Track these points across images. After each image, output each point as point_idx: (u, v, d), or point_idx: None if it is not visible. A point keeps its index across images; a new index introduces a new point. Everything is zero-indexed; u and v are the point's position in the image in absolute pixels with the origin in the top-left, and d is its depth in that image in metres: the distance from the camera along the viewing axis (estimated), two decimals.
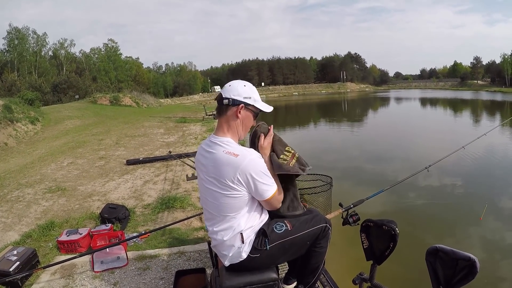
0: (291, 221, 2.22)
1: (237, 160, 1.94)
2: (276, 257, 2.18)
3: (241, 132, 2.13)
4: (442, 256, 1.63)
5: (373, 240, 2.05)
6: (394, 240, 1.90)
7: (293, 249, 2.21)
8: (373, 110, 40.78)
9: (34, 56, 60.36)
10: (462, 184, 9.28)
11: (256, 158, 1.99)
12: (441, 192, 8.69)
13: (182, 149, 10.19)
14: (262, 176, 1.98)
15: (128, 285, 3.37)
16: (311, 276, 2.36)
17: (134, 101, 32.31)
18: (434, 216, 7.18)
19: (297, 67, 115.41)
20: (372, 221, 2.03)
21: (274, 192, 2.04)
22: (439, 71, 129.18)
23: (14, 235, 4.68)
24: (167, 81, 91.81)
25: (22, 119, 15.38)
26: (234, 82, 2.12)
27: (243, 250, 2.07)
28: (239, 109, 2.05)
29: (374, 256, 2.04)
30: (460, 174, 10.00)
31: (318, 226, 2.22)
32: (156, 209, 5.39)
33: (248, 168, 1.94)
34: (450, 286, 1.61)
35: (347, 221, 2.56)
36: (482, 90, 74.95)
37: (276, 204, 2.13)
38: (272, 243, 2.10)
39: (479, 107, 38.64)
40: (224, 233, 2.07)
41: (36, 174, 7.73)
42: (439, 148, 13.19)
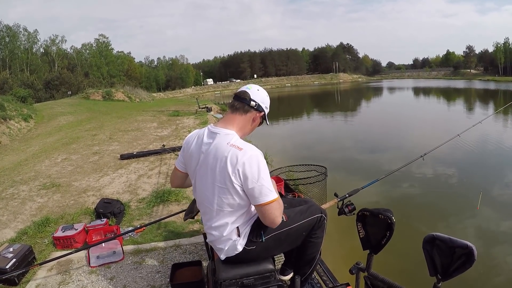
0: (286, 212, 2.21)
1: (240, 153, 1.89)
2: (272, 248, 2.17)
3: (246, 134, 2.16)
4: (439, 244, 1.63)
5: (369, 229, 2.05)
6: (390, 229, 1.90)
7: (288, 240, 2.21)
8: (366, 100, 40.88)
9: (25, 53, 60.09)
10: (456, 172, 9.34)
11: (259, 155, 1.93)
12: (436, 181, 8.74)
13: (175, 142, 10.14)
14: (264, 176, 1.89)
15: (124, 279, 3.37)
16: (308, 266, 2.37)
17: (127, 95, 32.10)
18: (429, 205, 7.21)
19: (289, 58, 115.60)
20: (368, 210, 2.03)
21: (274, 199, 1.91)
22: (432, 60, 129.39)
23: (9, 233, 4.65)
24: (159, 75, 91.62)
25: (15, 116, 15.24)
26: (261, 88, 2.18)
27: (238, 243, 2.06)
28: (258, 115, 2.12)
29: (371, 246, 2.04)
30: (455, 163, 10.06)
31: (314, 217, 2.23)
32: (151, 203, 5.37)
33: (250, 163, 1.87)
34: (448, 274, 1.62)
35: (342, 211, 2.57)
36: (475, 79, 75.37)
37: (275, 215, 1.93)
38: (267, 235, 2.10)
39: (472, 96, 38.88)
40: (221, 229, 2.05)
41: (30, 171, 7.68)
42: (433, 137, 13.28)
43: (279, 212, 1.95)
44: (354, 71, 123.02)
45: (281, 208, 1.98)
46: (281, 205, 1.99)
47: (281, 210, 1.98)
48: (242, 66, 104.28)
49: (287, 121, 22.74)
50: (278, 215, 1.94)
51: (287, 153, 12.71)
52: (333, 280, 2.68)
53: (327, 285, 2.64)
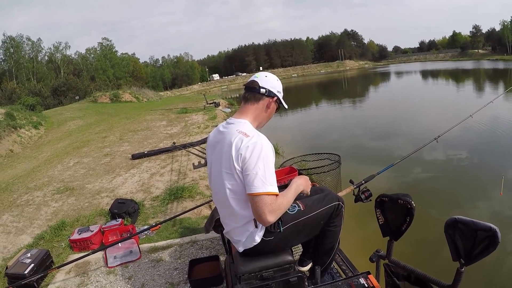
0: (303, 201, 2.18)
1: (246, 138, 1.88)
2: (290, 238, 2.13)
3: (264, 122, 2.16)
4: (461, 228, 1.55)
5: (388, 215, 1.99)
6: (410, 214, 1.84)
7: (306, 230, 2.17)
8: (374, 86, 40.43)
9: (31, 62, 60.89)
10: (472, 155, 9.09)
11: (265, 145, 1.88)
12: (451, 165, 8.52)
13: (186, 139, 10.16)
14: (261, 165, 1.82)
15: (142, 277, 3.37)
16: (327, 256, 2.33)
17: (134, 96, 32.16)
18: (446, 190, 7.03)
19: (294, 48, 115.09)
20: (387, 196, 1.97)
21: (265, 192, 1.80)
22: (438, 42, 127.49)
23: (26, 238, 4.70)
24: (165, 74, 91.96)
25: (25, 124, 15.37)
26: (269, 74, 2.18)
27: (256, 234, 2.02)
28: (272, 101, 2.11)
29: (391, 232, 1.98)
30: (469, 145, 9.79)
31: (331, 205, 2.18)
32: (165, 201, 5.39)
33: (253, 148, 1.84)
34: (471, 258, 1.55)
35: (359, 198, 2.51)
36: (483, 59, 74.18)
37: (263, 211, 1.80)
38: (285, 225, 2.05)
39: (481, 76, 38.17)
40: (236, 218, 2.02)
41: (44, 176, 7.74)
42: (444, 120, 13.01)
43: (269, 210, 1.80)
44: (360, 57, 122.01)
45: (274, 206, 1.82)
46: (277, 204, 1.84)
47: (274, 209, 1.82)
48: (247, 59, 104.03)
49: (296, 112, 22.59)
50: (267, 213, 1.79)
51: (298, 144, 12.60)
52: (352, 269, 2.64)
53: (347, 274, 2.59)
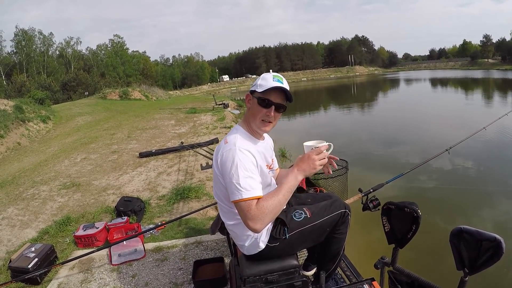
0: (310, 208, 2.16)
1: (223, 146, 1.90)
2: (295, 245, 2.12)
3: (250, 121, 2.00)
4: (466, 237, 1.56)
5: (394, 223, 1.99)
6: (416, 223, 1.84)
7: (312, 237, 2.15)
8: (383, 92, 40.21)
9: (41, 56, 61.20)
10: (483, 167, 8.89)
11: (237, 151, 1.81)
12: (462, 176, 8.34)
13: (194, 139, 10.18)
14: (234, 172, 1.77)
15: (146, 276, 3.38)
16: (331, 262, 2.31)
17: (144, 94, 32.30)
18: (454, 200, 6.92)
19: (304, 52, 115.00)
20: (393, 204, 1.97)
21: (239, 199, 1.74)
22: (448, 51, 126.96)
23: (31, 232, 4.73)
24: (175, 73, 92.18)
25: (33, 118, 15.48)
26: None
27: (260, 240, 2.01)
28: (247, 99, 2.04)
29: (396, 240, 1.98)
30: (480, 157, 9.54)
31: (338, 212, 2.15)
32: (171, 200, 5.40)
33: (226, 156, 1.82)
34: (475, 268, 1.55)
35: (367, 207, 2.49)
36: (493, 69, 73.36)
37: (246, 217, 1.74)
38: (291, 232, 2.05)
39: (490, 86, 37.68)
40: (237, 226, 2.01)
41: (50, 171, 7.79)
42: (455, 129, 12.94)
43: (248, 217, 1.72)
44: (370, 63, 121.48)
45: (253, 213, 1.71)
46: (258, 210, 1.72)
47: (254, 215, 1.71)
48: (257, 62, 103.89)
49: (304, 116, 22.55)
50: (248, 221, 1.72)
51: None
52: (356, 275, 2.63)
53: (351, 280, 2.58)
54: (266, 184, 2.04)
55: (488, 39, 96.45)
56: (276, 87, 1.90)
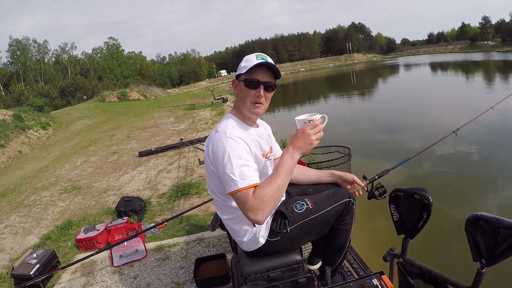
0: (311, 198, 2.03)
1: (213, 136, 1.78)
2: (298, 239, 2.00)
3: (241, 107, 1.89)
4: (483, 225, 1.41)
5: (403, 211, 1.86)
6: (427, 210, 1.70)
7: (315, 229, 2.02)
8: (383, 79, 39.97)
9: (38, 64, 61.64)
10: (492, 149, 8.64)
11: (229, 140, 1.70)
12: (470, 159, 8.14)
13: (193, 135, 10.09)
14: (227, 162, 1.65)
15: (148, 277, 3.30)
16: (337, 255, 2.19)
17: (142, 94, 32.18)
18: (463, 185, 6.73)
19: (301, 42, 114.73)
20: (402, 191, 1.84)
21: (237, 189, 1.61)
22: (447, 34, 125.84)
23: (33, 239, 4.67)
24: (172, 71, 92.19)
25: (33, 126, 15.45)
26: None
27: (259, 234, 1.89)
28: (233, 85, 1.92)
29: (406, 229, 1.85)
30: (489, 139, 9.31)
31: (341, 202, 2.00)
32: (172, 198, 5.32)
33: (217, 146, 1.71)
34: (493, 258, 1.41)
35: (372, 195, 2.35)
36: (493, 51, 72.80)
37: (245, 209, 1.61)
38: (292, 225, 1.92)
39: (491, 68, 37.30)
40: (233, 220, 1.91)
41: (51, 176, 7.72)
42: (459, 112, 12.78)
43: (247, 209, 1.59)
44: (368, 50, 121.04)
45: (252, 203, 1.58)
46: (257, 199, 1.59)
47: (254, 206, 1.58)
48: None
49: (304, 106, 22.45)
50: (248, 213, 1.60)
51: None
52: (364, 268, 2.51)
53: (359, 274, 2.47)
54: (263, 175, 1.85)
55: (487, 21, 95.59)
56: (261, 64, 1.77)
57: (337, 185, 2.25)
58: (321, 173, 2.35)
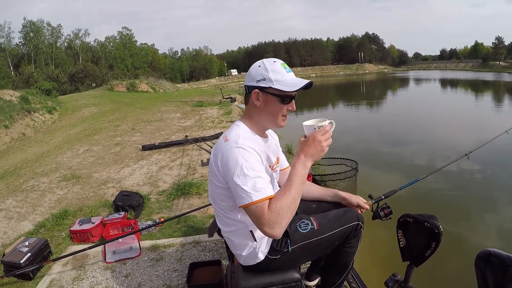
0: (317, 218, 1.93)
1: (223, 145, 1.66)
2: (298, 258, 1.92)
3: (265, 121, 1.78)
4: (494, 262, 1.33)
5: (411, 238, 1.78)
6: (437, 240, 1.62)
7: (318, 250, 1.94)
8: (392, 91, 39.78)
9: (50, 47, 61.62)
10: (503, 175, 8.31)
11: (240, 150, 1.59)
12: (484, 183, 7.82)
13: (198, 133, 10.02)
14: (240, 174, 1.55)
15: (140, 277, 3.22)
16: (338, 277, 2.10)
17: (151, 86, 32.28)
18: (471, 212, 6.44)
19: (314, 48, 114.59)
20: (412, 217, 1.75)
21: (251, 202, 1.52)
22: (459, 51, 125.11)
23: (28, 225, 4.60)
24: (183, 66, 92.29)
25: (39, 109, 15.50)
26: (252, 66, 1.79)
27: (259, 250, 1.80)
28: (254, 96, 1.73)
29: (412, 257, 1.78)
30: (504, 163, 8.93)
31: (350, 225, 1.91)
32: (172, 196, 5.22)
33: (228, 157, 1.60)
34: None
35: (377, 215, 2.26)
36: (504, 72, 71.80)
37: (260, 223, 1.52)
38: (295, 244, 1.83)
39: (501, 89, 36.96)
40: (234, 233, 1.83)
41: (52, 162, 7.68)
42: (469, 133, 12.49)
43: (264, 224, 1.50)
44: (380, 61, 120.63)
45: (269, 217, 1.50)
46: (274, 213, 1.50)
47: (271, 221, 1.49)
48: (266, 57, 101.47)
49: (311, 112, 22.28)
50: (265, 229, 1.51)
51: None
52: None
53: None
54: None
55: (500, 41, 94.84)
56: (298, 85, 1.68)
57: (341, 204, 2.17)
58: (324, 191, 2.25)
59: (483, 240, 5.48)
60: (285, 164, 2.13)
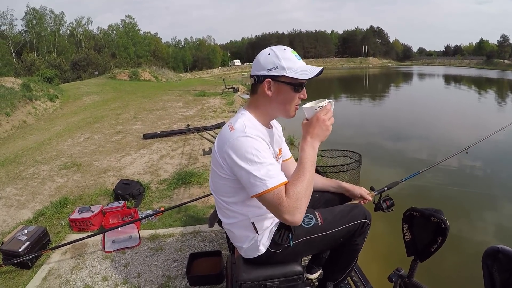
0: (322, 212, 1.87)
1: (229, 134, 1.57)
2: (300, 253, 1.87)
3: (275, 111, 1.73)
4: (501, 259, 1.28)
5: (417, 232, 1.73)
6: (443, 235, 1.58)
7: (321, 246, 1.89)
8: (396, 85, 39.61)
9: (52, 35, 61.49)
10: (501, 171, 8.34)
11: (247, 137, 1.53)
12: (481, 179, 7.84)
13: (200, 122, 9.97)
14: (248, 161, 1.49)
15: (139, 266, 3.18)
16: (340, 273, 2.05)
17: (153, 75, 32.15)
18: (476, 207, 6.41)
19: (318, 40, 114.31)
20: (418, 211, 1.71)
21: (267, 189, 1.46)
22: (464, 48, 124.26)
23: (27, 213, 4.57)
24: (186, 56, 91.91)
25: (41, 96, 15.44)
26: (259, 54, 1.71)
27: (260, 242, 1.76)
28: (266, 86, 1.65)
29: (417, 252, 1.73)
30: (498, 160, 8.95)
31: (356, 222, 1.84)
32: (172, 185, 5.18)
33: (234, 147, 1.53)
34: None
35: (379, 207, 2.23)
36: (508, 70, 71.13)
37: (280, 215, 1.48)
38: (296, 239, 1.78)
39: (505, 87, 36.67)
40: (235, 225, 1.77)
41: (53, 150, 7.64)
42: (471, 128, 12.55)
43: (284, 211, 1.45)
44: (384, 55, 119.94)
45: (288, 204, 1.45)
46: (292, 199, 1.45)
47: (290, 207, 1.44)
48: None
49: None
50: (285, 216, 1.46)
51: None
52: (365, 282, 2.39)
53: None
54: None
55: (505, 39, 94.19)
56: (318, 74, 1.64)
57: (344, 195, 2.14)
58: (328, 182, 2.21)
59: (485, 235, 5.46)
60: (287, 155, 2.08)
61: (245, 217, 1.71)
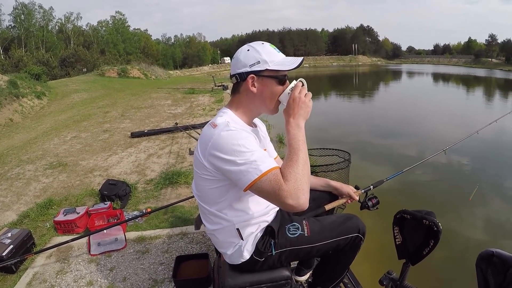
0: (310, 223, 1.78)
1: (212, 131, 1.50)
2: (285, 261, 1.78)
3: (258, 107, 1.68)
4: (496, 262, 1.26)
5: (408, 235, 1.69)
6: (435, 238, 1.54)
7: (307, 256, 1.85)
8: (384, 83, 39.86)
9: (41, 31, 60.31)
10: (480, 167, 8.55)
11: (226, 132, 1.46)
12: (461, 175, 7.98)
13: (189, 120, 9.89)
14: (236, 152, 1.41)
15: (125, 270, 3.11)
16: (330, 282, 1.98)
17: (143, 73, 31.92)
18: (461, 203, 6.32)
19: (308, 38, 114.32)
20: (409, 213, 1.67)
21: (262, 173, 1.37)
22: (453, 47, 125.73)
23: (11, 215, 4.45)
24: (176, 53, 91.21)
25: (28, 94, 15.16)
26: (238, 52, 1.66)
27: (244, 248, 1.69)
28: (250, 82, 1.60)
29: (408, 255, 1.70)
30: (478, 157, 9.11)
31: (347, 236, 1.76)
32: (159, 185, 5.11)
33: (215, 146, 1.45)
34: None
35: (365, 205, 2.20)
36: (496, 69, 72.19)
37: (281, 201, 1.36)
38: (280, 249, 1.71)
39: (492, 85, 37.21)
40: (220, 231, 1.70)
41: (38, 149, 7.50)
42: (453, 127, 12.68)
43: (287, 192, 1.34)
44: (374, 54, 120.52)
45: (287, 187, 1.34)
46: (292, 182, 1.36)
47: (291, 189, 1.34)
48: None
49: None
50: (288, 196, 1.33)
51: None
52: (356, 284, 2.35)
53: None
54: None
55: (493, 39, 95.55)
56: (295, 63, 1.62)
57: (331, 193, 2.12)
58: (316, 180, 2.16)
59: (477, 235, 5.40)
60: (274, 154, 2.03)
61: (229, 223, 1.65)
